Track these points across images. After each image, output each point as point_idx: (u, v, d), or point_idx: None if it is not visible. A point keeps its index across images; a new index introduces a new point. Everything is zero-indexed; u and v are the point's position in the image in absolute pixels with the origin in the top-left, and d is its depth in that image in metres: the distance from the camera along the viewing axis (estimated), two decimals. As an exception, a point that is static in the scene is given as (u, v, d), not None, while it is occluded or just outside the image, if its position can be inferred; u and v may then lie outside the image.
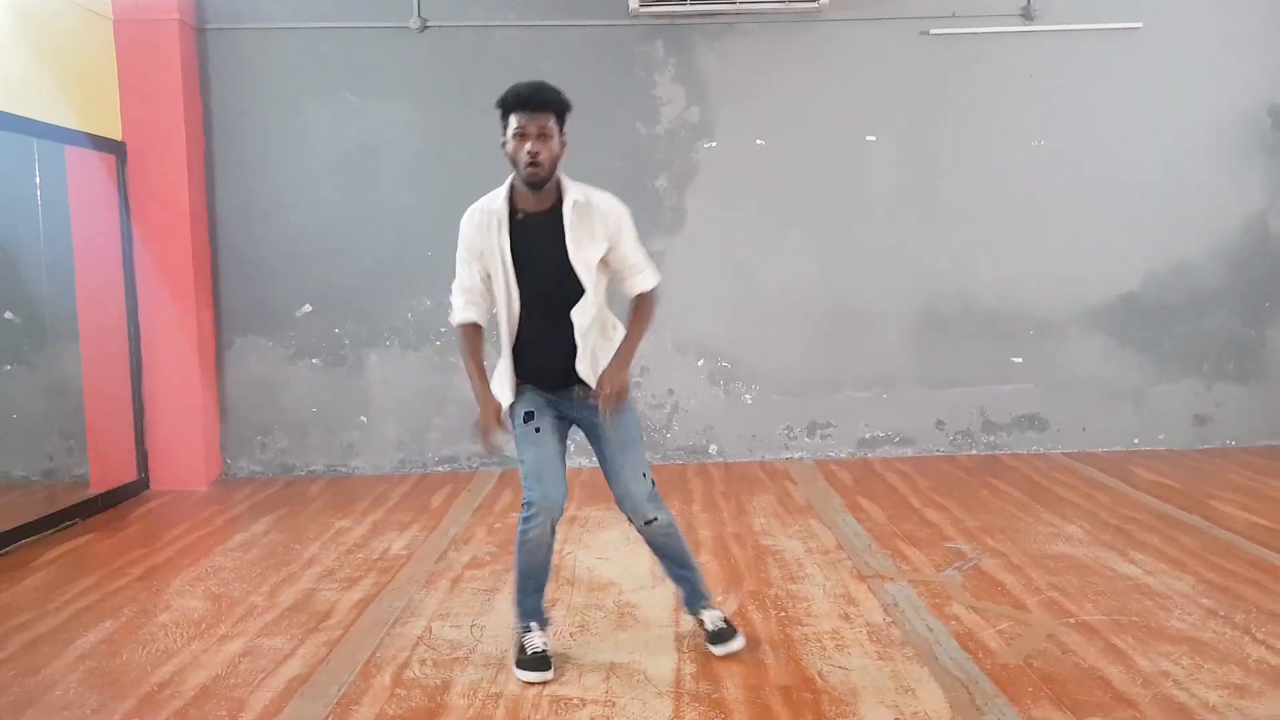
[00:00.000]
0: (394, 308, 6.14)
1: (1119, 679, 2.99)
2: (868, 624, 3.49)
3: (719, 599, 3.74)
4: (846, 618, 3.57)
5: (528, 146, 2.92)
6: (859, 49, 6.12)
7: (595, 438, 3.18)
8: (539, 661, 3.09)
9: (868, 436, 6.31)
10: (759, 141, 6.18)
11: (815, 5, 5.85)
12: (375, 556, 4.48)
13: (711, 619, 3.27)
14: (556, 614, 3.65)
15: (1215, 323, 6.29)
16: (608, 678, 3.10)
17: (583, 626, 3.56)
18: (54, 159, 5.39)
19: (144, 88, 5.70)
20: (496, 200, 3.08)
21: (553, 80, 3.02)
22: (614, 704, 2.92)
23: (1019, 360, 6.28)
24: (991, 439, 6.32)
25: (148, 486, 5.87)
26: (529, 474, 3.08)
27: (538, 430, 3.10)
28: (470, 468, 6.22)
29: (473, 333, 3.18)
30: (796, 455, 6.30)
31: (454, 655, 3.32)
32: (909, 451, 6.32)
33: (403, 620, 3.66)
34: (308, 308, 6.12)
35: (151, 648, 3.44)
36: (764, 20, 6.07)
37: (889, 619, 3.53)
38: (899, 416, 6.31)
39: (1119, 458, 6.08)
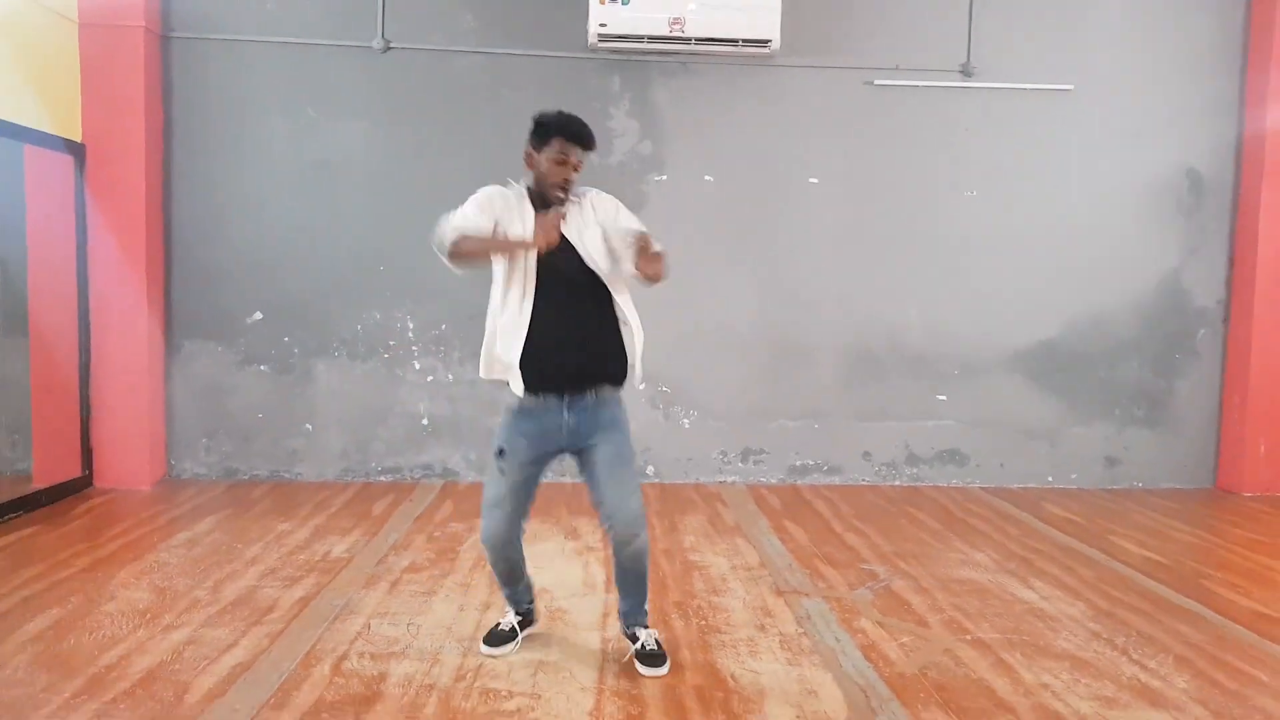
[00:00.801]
0: (344, 319, 6.30)
1: (1003, 689, 3.26)
2: (781, 634, 3.73)
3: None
4: (762, 628, 3.80)
5: (566, 174, 3.17)
6: (806, 94, 6.44)
7: (588, 455, 3.27)
8: (498, 637, 3.48)
9: (798, 464, 6.58)
10: (707, 177, 6.46)
11: (767, 50, 6.15)
12: (317, 558, 4.62)
13: (647, 638, 3.39)
14: (490, 617, 3.83)
15: (1128, 371, 6.67)
16: (535, 673, 3.30)
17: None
18: (12, 157, 5.48)
19: (106, 92, 5.82)
20: (517, 192, 3.28)
21: (510, 107, 3.29)
22: (539, 696, 3.12)
23: (943, 398, 6.60)
24: (915, 471, 6.63)
25: (91, 484, 5.94)
26: (484, 505, 3.38)
27: (502, 471, 3.28)
28: (412, 479, 6.37)
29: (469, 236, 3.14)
30: (729, 479, 6.55)
31: (391, 650, 3.49)
32: (837, 480, 6.60)
33: (342, 617, 3.82)
34: (259, 315, 6.25)
35: (98, 634, 3.57)
36: (718, 61, 6.36)
37: (801, 630, 3.77)
38: (828, 446, 6.60)
39: (1033, 494, 6.41)
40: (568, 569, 4.53)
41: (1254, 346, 6.43)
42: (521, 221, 3.19)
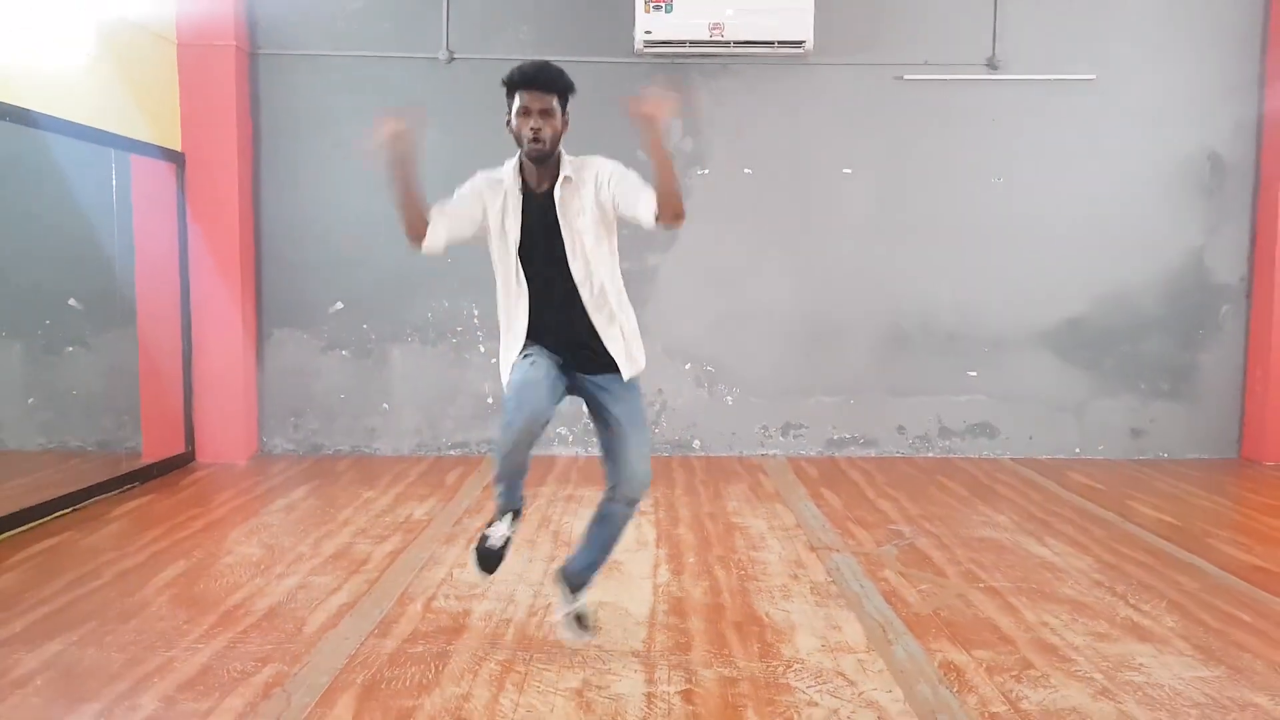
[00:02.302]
0: (415, 308, 6.87)
1: (1007, 626, 3.71)
2: (811, 582, 4.22)
3: (690, 560, 4.49)
4: (795, 577, 4.29)
5: (531, 123, 3.06)
6: (839, 90, 6.86)
7: (602, 415, 3.25)
8: (489, 557, 3.34)
9: (835, 437, 7.03)
10: (746, 170, 6.91)
11: (801, 51, 6.58)
12: (400, 520, 5.20)
13: (583, 603, 3.44)
14: (554, 568, 4.35)
15: (1152, 346, 7.01)
16: (595, 611, 3.81)
17: (577, 577, 4.28)
18: (122, 166, 6.12)
19: (202, 105, 6.44)
20: (507, 171, 3.21)
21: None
22: (601, 629, 3.63)
23: (974, 374, 7.00)
24: (947, 444, 7.04)
25: (194, 459, 6.59)
26: (510, 397, 3.09)
27: (530, 359, 3.13)
28: (480, 453, 6.94)
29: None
30: (771, 452, 7.02)
31: (472, 593, 4.04)
32: (872, 452, 7.04)
33: (428, 567, 4.38)
34: (339, 305, 6.85)
35: (222, 581, 4.17)
36: (755, 61, 6.80)
37: (830, 579, 4.25)
38: (864, 420, 7.04)
39: (1059, 464, 6.79)
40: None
41: (1275, 321, 6.73)
42: (508, 199, 3.16)
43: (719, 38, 6.53)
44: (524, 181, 3.19)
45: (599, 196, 3.15)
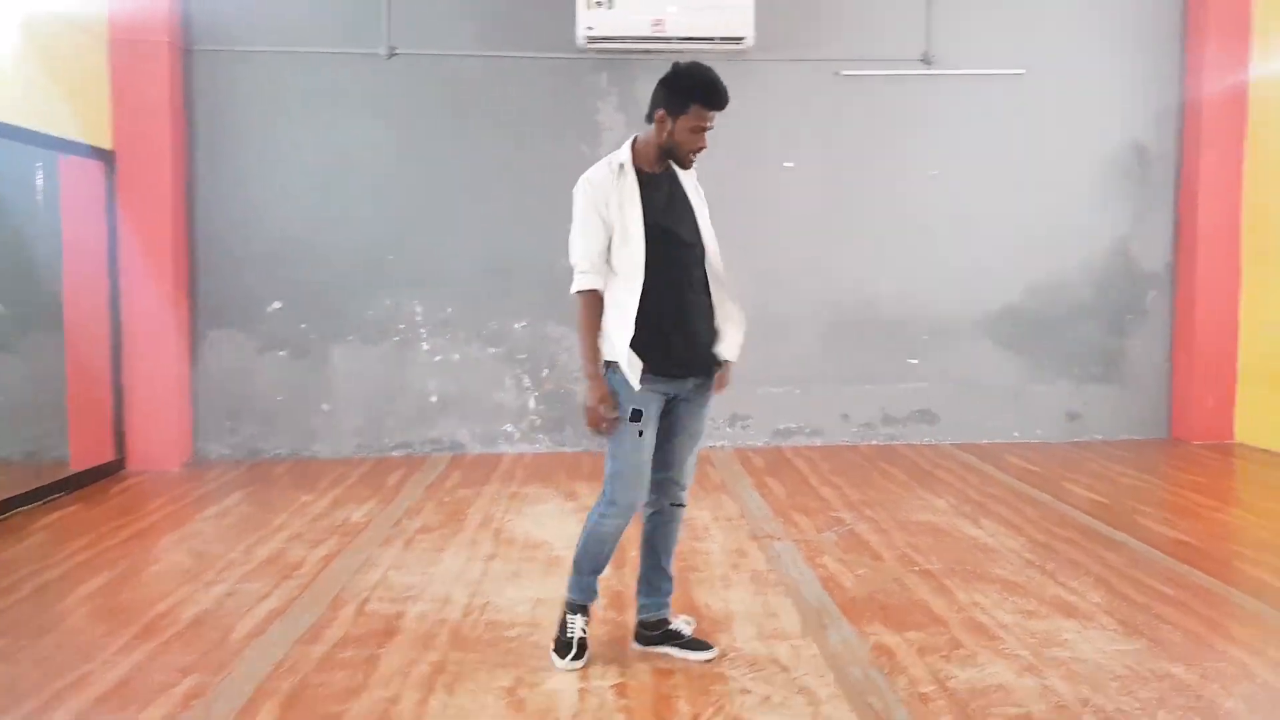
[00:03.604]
0: (356, 306, 6.80)
1: (939, 607, 3.77)
2: (752, 570, 4.24)
3: (632, 554, 4.48)
4: (736, 566, 4.31)
5: (703, 143, 3.07)
6: (779, 86, 6.90)
7: (675, 424, 3.21)
8: (576, 646, 3.22)
9: (782, 427, 7.08)
10: (687, 163, 6.91)
11: (741, 46, 6.61)
12: (337, 523, 5.13)
13: (684, 625, 3.40)
14: (495, 566, 4.34)
15: (1085, 332, 7.15)
16: (534, 608, 3.82)
17: (516, 573, 4.26)
18: (50, 165, 5.97)
19: (134, 102, 6.30)
20: (620, 160, 3.09)
21: (508, 105, 3.42)
22: (537, 625, 3.63)
23: (915, 362, 7.09)
24: (890, 430, 7.12)
25: (124, 466, 6.45)
26: (622, 475, 3.09)
27: (641, 434, 3.07)
28: (422, 453, 6.88)
29: (596, 302, 3.06)
30: (719, 444, 7.05)
31: (407, 594, 4.00)
32: (818, 441, 7.10)
33: (363, 570, 4.33)
34: (277, 305, 6.75)
35: (147, 591, 4.09)
36: (697, 56, 6.71)
37: (770, 567, 4.28)
38: (810, 410, 7.09)
39: (999, 448, 6.90)
40: (565, 524, 5.04)
41: (1198, 306, 6.90)
42: (626, 202, 3.03)
43: (660, 33, 6.54)
44: (639, 171, 3.11)
45: (698, 192, 3.26)
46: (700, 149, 3.07)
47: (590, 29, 6.45)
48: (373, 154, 6.75)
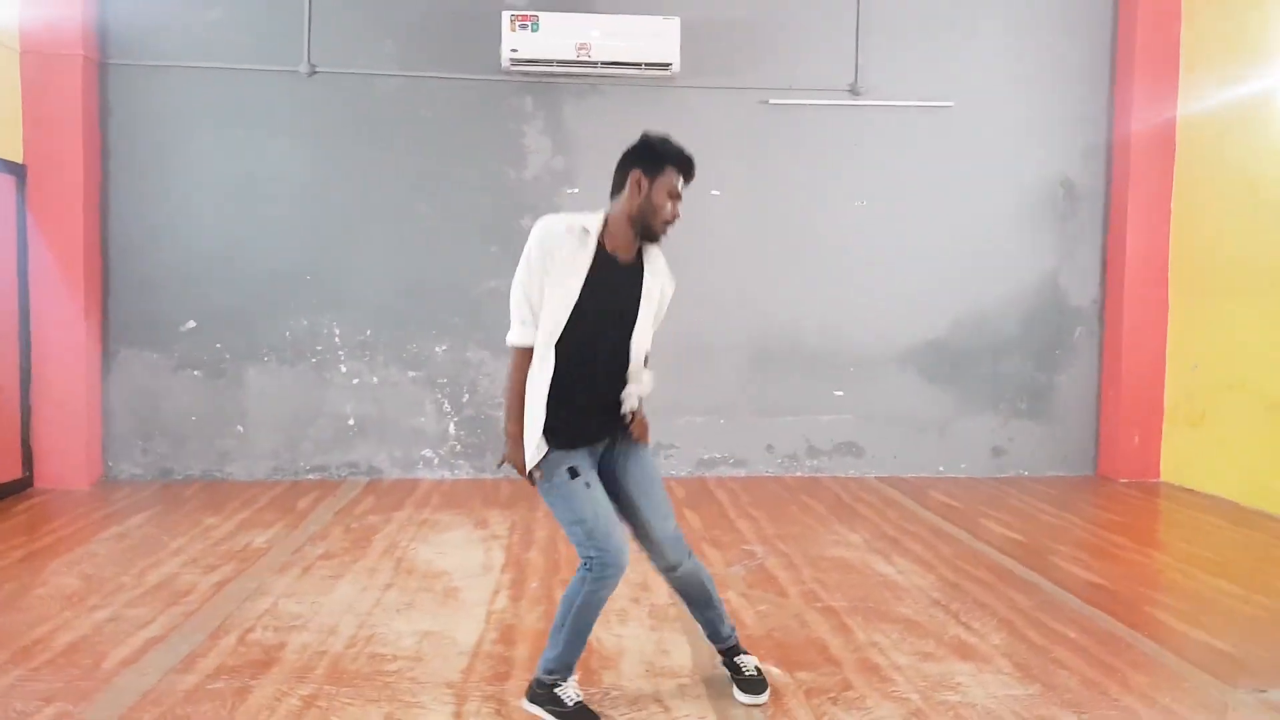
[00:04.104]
0: (273, 326, 6.65)
1: (836, 647, 3.70)
2: (652, 605, 4.15)
3: (533, 585, 4.39)
4: (636, 600, 4.22)
5: (677, 210, 2.97)
6: (707, 113, 6.89)
7: (618, 478, 3.05)
8: (585, 713, 3.01)
9: (706, 457, 7.02)
10: (617, 190, 6.87)
11: (668, 73, 6.60)
12: (238, 548, 4.98)
13: (747, 663, 3.25)
14: (389, 596, 4.22)
15: (1011, 367, 7.18)
16: (421, 641, 3.70)
17: (410, 604, 4.15)
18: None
19: (46, 115, 6.15)
20: (590, 226, 2.95)
21: (431, 126, 3.27)
22: (420, 659, 3.51)
23: (840, 394, 7.07)
24: (815, 463, 7.09)
25: (32, 484, 6.24)
26: (595, 530, 2.86)
27: (588, 485, 2.92)
28: (339, 476, 6.73)
29: (525, 360, 2.94)
30: (642, 473, 6.95)
31: (293, 624, 3.87)
32: (742, 472, 7.04)
33: (253, 598, 4.19)
34: (192, 324, 6.59)
35: (27, 615, 3.92)
36: (623, 82, 6.79)
37: (670, 602, 4.19)
38: (734, 440, 7.04)
39: (923, 482, 6.89)
40: (471, 553, 4.92)
41: (1125, 343, 6.95)
42: (571, 272, 2.88)
43: (586, 58, 6.50)
44: (601, 246, 2.95)
45: (664, 291, 3.12)
46: (674, 219, 2.97)
47: (515, 51, 6.40)
48: (292, 172, 6.63)
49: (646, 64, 6.52)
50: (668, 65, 6.52)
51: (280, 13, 6.58)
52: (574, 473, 2.89)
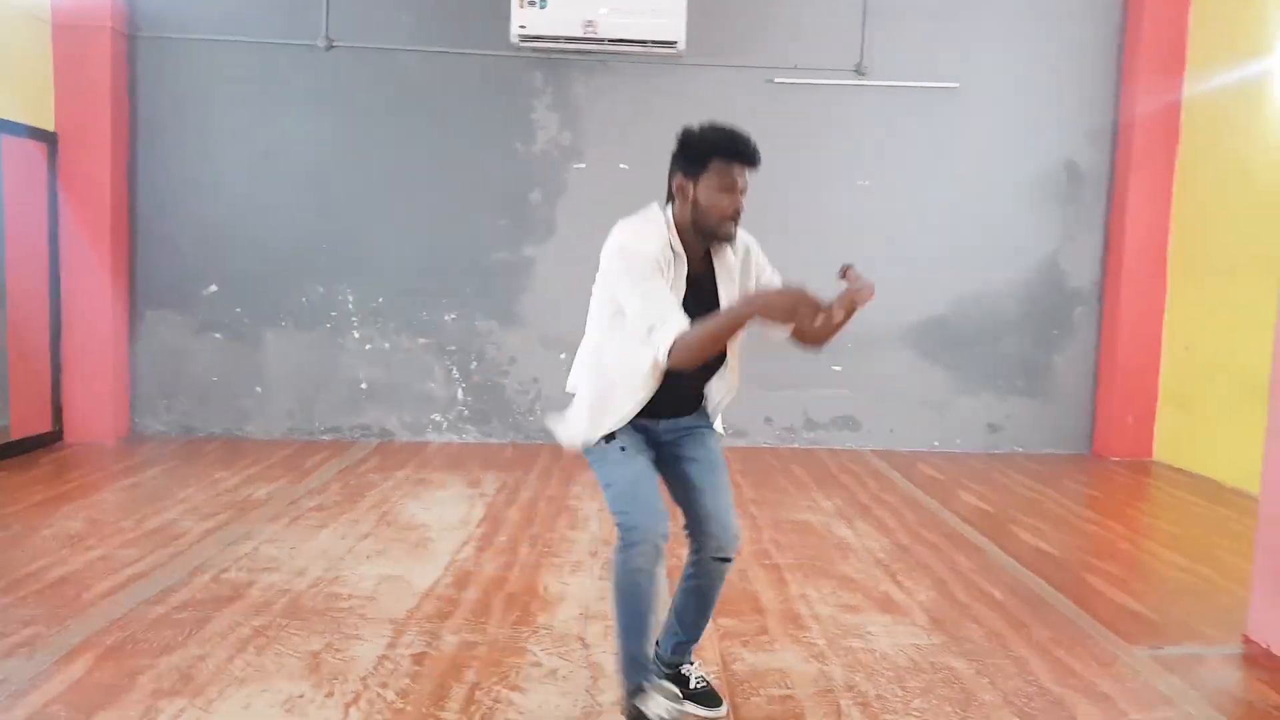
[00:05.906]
0: (290, 292, 6.99)
1: (767, 599, 3.90)
2: (605, 559, 4.37)
3: (501, 539, 4.65)
4: (594, 554, 4.45)
5: (736, 203, 2.66)
6: (712, 90, 7.02)
7: (679, 460, 2.81)
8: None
9: (703, 428, 7.19)
10: (623, 166, 7.07)
11: (674, 51, 6.74)
12: (239, 499, 5.31)
13: (695, 675, 2.97)
14: (364, 545, 4.51)
15: (1010, 345, 7.23)
16: (379, 584, 3.97)
17: (381, 552, 4.42)
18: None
19: (77, 86, 6.53)
20: (666, 232, 2.68)
21: (444, 100, 3.31)
22: (374, 599, 3.78)
23: (839, 369, 7.20)
24: (812, 435, 7.24)
25: (61, 438, 6.67)
26: (620, 495, 2.64)
27: (623, 449, 2.69)
28: (350, 438, 7.06)
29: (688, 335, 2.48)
30: (641, 441, 7.17)
31: (267, 566, 4.17)
32: (741, 443, 7.22)
33: (238, 543, 4.50)
34: (213, 288, 6.95)
35: (28, 552, 4.27)
36: (632, 60, 6.96)
37: (625, 556, 4.41)
38: (733, 412, 7.17)
39: (915, 456, 7.00)
40: (455, 509, 5.20)
41: (1123, 324, 6.97)
42: (674, 265, 2.64)
43: (593, 34, 6.67)
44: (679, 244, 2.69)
45: (753, 278, 2.87)
46: (735, 213, 2.65)
47: (523, 27, 6.60)
48: (309, 144, 6.94)
49: (653, 41, 6.67)
50: (674, 43, 6.65)
51: (300, -9, 6.88)
52: (610, 437, 2.70)
